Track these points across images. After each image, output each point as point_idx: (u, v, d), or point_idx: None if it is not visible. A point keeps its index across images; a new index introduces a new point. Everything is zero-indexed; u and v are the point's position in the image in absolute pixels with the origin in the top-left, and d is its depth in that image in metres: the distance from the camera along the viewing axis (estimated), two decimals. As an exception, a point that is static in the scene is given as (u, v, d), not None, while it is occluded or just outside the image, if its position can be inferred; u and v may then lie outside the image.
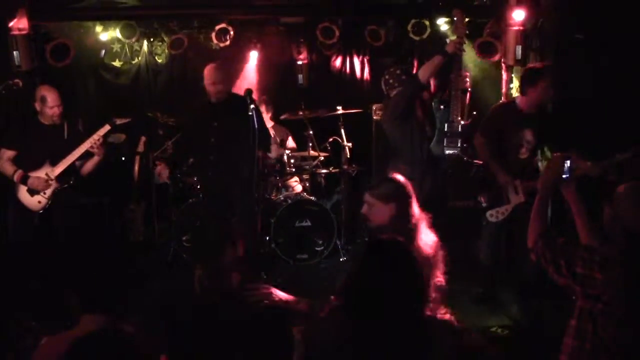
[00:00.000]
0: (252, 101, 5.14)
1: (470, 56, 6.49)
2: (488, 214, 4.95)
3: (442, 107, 5.32)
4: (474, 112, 5.33)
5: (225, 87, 5.72)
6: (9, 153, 5.21)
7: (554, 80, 4.88)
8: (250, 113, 5.04)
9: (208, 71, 5.63)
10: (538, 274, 4.06)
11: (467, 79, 5.33)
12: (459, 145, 5.10)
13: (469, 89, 5.38)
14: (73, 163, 5.23)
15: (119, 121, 5.37)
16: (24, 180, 5.13)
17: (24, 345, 3.40)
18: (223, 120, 5.58)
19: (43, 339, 2.75)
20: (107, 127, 5.21)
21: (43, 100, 5.16)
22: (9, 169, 5.18)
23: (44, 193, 5.17)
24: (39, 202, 5.19)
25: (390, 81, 5.20)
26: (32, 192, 5.17)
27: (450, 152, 5.10)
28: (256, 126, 5.00)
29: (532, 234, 2.88)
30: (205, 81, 5.62)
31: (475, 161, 5.09)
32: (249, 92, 5.22)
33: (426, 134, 5.22)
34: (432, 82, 5.26)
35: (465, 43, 5.02)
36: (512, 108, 5.04)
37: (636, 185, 2.69)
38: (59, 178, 5.19)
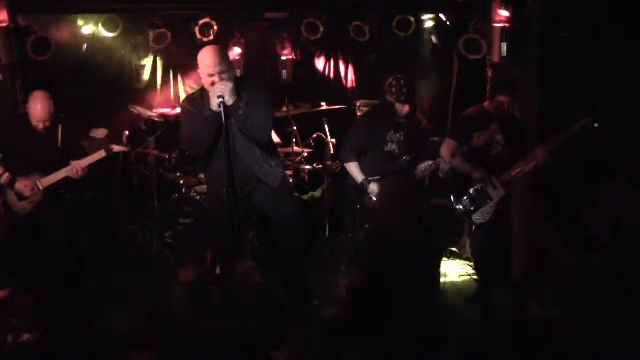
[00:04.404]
0: None
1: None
2: (474, 217, 4.96)
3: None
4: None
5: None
6: None
7: (517, 95, 5.00)
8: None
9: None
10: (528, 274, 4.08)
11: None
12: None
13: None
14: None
15: (116, 148, 5.27)
16: (11, 183, 5.04)
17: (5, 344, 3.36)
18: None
19: (24, 336, 2.72)
20: (102, 154, 5.13)
21: (29, 112, 5.08)
22: None
23: (31, 201, 5.09)
24: (24, 208, 5.12)
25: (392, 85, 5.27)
26: (20, 197, 5.09)
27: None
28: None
29: None
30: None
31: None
32: None
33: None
34: None
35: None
36: (480, 115, 5.09)
37: (628, 182, 2.70)
38: (46, 189, 5.11)
